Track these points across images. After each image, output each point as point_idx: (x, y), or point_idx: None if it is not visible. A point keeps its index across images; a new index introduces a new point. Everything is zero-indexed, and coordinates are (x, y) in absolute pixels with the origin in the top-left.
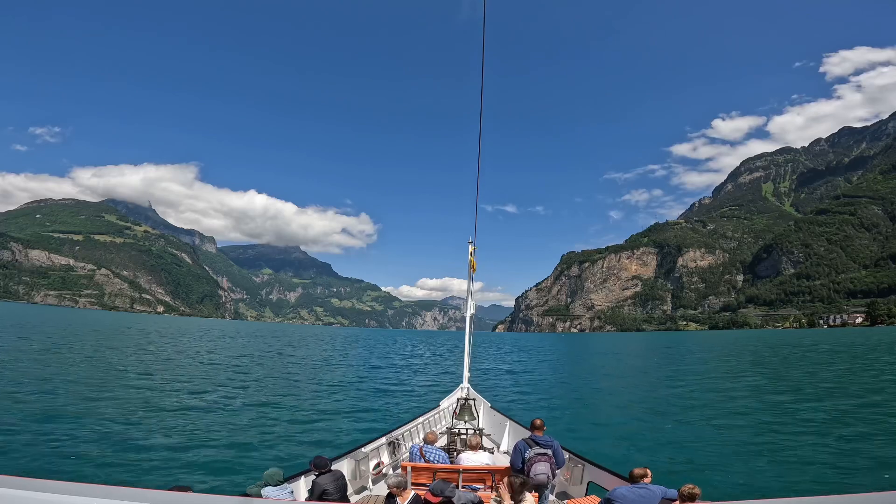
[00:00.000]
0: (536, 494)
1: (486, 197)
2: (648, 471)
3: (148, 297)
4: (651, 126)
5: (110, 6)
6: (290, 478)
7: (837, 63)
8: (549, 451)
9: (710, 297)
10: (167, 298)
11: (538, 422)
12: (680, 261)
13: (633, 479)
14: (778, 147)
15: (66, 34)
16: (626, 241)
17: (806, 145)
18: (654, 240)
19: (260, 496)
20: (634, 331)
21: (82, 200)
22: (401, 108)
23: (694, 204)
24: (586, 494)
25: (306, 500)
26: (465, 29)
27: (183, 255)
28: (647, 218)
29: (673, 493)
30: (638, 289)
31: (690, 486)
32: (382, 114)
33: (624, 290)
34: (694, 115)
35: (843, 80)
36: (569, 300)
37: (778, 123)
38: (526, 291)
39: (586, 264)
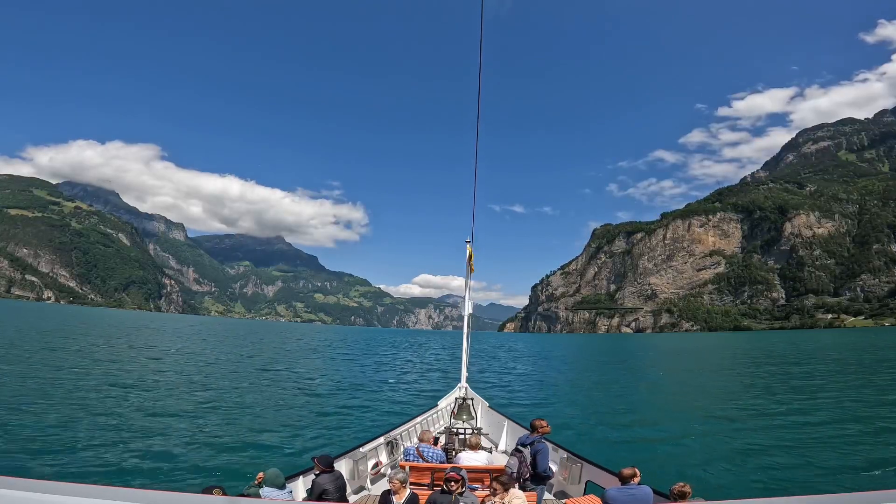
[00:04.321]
0: (534, 494)
1: (493, 197)
2: (637, 470)
3: (33, 279)
4: (662, 114)
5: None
6: (289, 478)
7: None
8: (525, 450)
9: (862, 276)
10: (72, 283)
11: (536, 422)
12: (788, 227)
13: (622, 480)
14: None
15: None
16: (687, 206)
17: (870, 116)
18: (733, 203)
19: (258, 496)
20: (730, 329)
21: (16, 175)
22: (401, 108)
23: (746, 178)
24: (584, 493)
25: (305, 499)
26: (471, 26)
27: (120, 234)
28: (670, 205)
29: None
30: (720, 269)
31: (681, 484)
32: (383, 112)
33: (699, 270)
34: (710, 96)
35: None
36: (613, 287)
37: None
38: (547, 277)
39: (638, 235)
